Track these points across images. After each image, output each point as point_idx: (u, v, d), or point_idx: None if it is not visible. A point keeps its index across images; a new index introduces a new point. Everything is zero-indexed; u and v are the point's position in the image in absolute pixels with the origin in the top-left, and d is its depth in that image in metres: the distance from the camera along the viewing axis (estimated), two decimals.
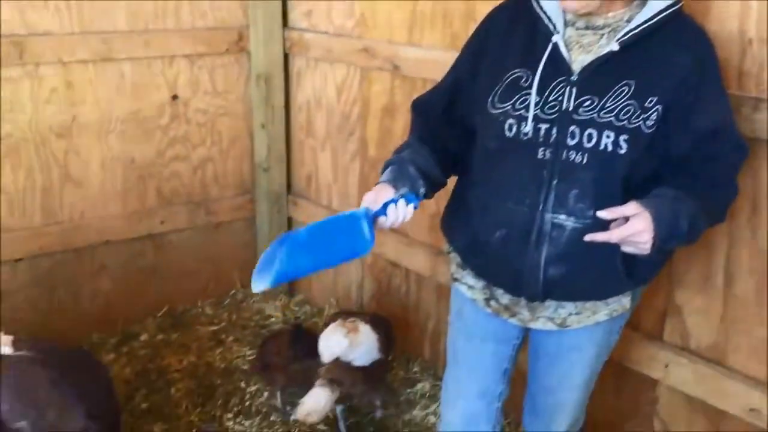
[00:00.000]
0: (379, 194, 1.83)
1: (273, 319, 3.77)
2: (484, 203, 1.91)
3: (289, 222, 3.90)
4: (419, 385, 3.24)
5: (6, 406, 2.19)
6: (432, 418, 3.05)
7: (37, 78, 3.11)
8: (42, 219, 3.24)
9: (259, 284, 1.83)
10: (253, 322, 3.73)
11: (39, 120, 3.15)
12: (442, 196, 2.17)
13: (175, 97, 3.50)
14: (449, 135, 1.99)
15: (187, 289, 3.78)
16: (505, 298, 2.00)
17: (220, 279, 3.88)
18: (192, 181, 3.66)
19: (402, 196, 1.82)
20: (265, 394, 3.15)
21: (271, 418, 3.02)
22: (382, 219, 1.81)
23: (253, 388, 3.19)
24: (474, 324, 2.10)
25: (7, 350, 2.29)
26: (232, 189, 3.80)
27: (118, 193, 3.44)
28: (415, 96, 2.15)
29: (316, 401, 2.68)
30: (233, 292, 3.92)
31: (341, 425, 2.94)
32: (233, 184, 3.80)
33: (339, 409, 2.93)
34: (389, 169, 1.90)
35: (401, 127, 3.17)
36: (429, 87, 2.14)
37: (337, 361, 2.76)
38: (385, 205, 1.80)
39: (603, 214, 1.68)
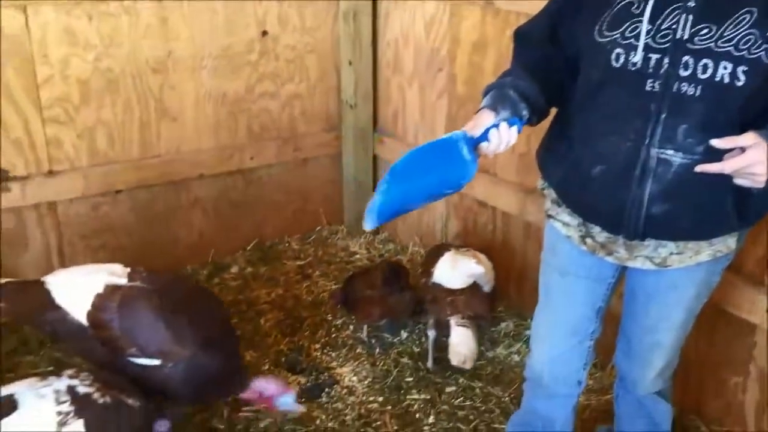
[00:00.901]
0: (479, 120, 1.79)
1: (357, 256, 3.83)
2: (585, 137, 1.86)
3: (375, 159, 3.91)
4: (503, 324, 3.25)
5: (120, 334, 2.33)
6: (516, 357, 3.06)
7: (134, 14, 3.17)
8: (140, 152, 3.36)
9: (368, 222, 1.83)
10: (338, 258, 3.81)
11: (136, 55, 3.23)
12: (535, 133, 2.13)
13: (264, 33, 3.52)
14: (551, 64, 1.92)
15: (275, 223, 3.87)
16: (601, 236, 1.95)
17: (306, 215, 3.96)
18: (280, 117, 3.70)
19: (504, 120, 1.77)
20: (351, 327, 3.23)
21: (357, 350, 3.10)
22: (484, 145, 1.77)
23: (339, 321, 3.28)
24: (568, 261, 2.06)
25: (123, 281, 2.41)
26: (319, 125, 3.83)
27: (211, 129, 3.52)
28: (507, 31, 2.08)
29: (468, 346, 2.72)
30: (318, 228, 3.99)
31: (430, 355, 2.98)
32: (320, 120, 3.82)
33: (431, 336, 2.97)
34: (489, 94, 1.86)
35: (492, 63, 3.10)
36: (522, 21, 2.07)
37: (472, 289, 2.80)
38: (487, 131, 1.76)
39: (717, 143, 1.61)
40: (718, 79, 1.65)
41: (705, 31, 1.66)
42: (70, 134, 3.17)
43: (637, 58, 1.71)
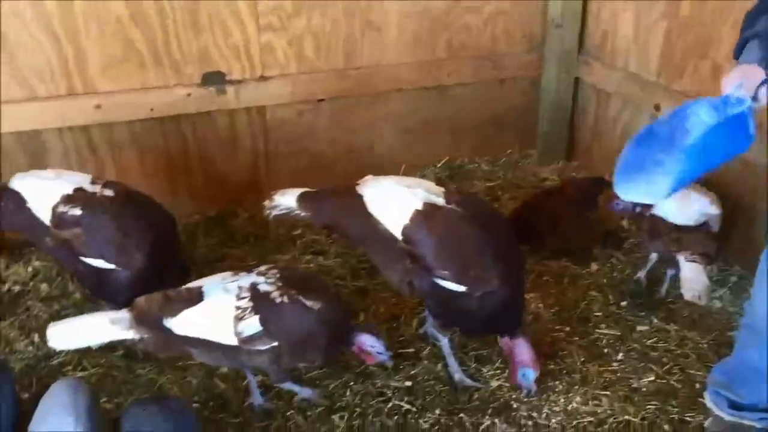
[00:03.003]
0: (748, 75, 1.62)
1: (548, 182, 3.73)
2: None
3: (576, 83, 3.73)
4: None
5: (433, 255, 2.35)
6: (717, 303, 2.88)
7: None
8: (344, 63, 3.42)
9: (627, 190, 1.77)
10: (528, 182, 3.73)
11: None
12: None
13: None
14: None
15: (466, 143, 3.84)
16: None
17: (498, 137, 3.88)
18: (481, 35, 3.60)
19: None
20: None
21: (544, 278, 3.05)
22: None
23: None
24: None
25: (441, 201, 2.41)
26: (521, 45, 3.69)
27: (411, 43, 3.50)
28: None
29: (701, 282, 2.63)
30: (510, 151, 3.91)
31: (665, 287, 2.89)
32: (522, 39, 3.68)
33: (669, 274, 2.89)
34: (753, 44, 1.66)
35: None
36: None
37: (702, 227, 2.72)
38: (757, 88, 1.61)
39: None
40: None
41: None
42: (281, 42, 3.29)
43: None
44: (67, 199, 2.55)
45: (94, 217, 2.54)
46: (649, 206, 2.81)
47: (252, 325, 2.22)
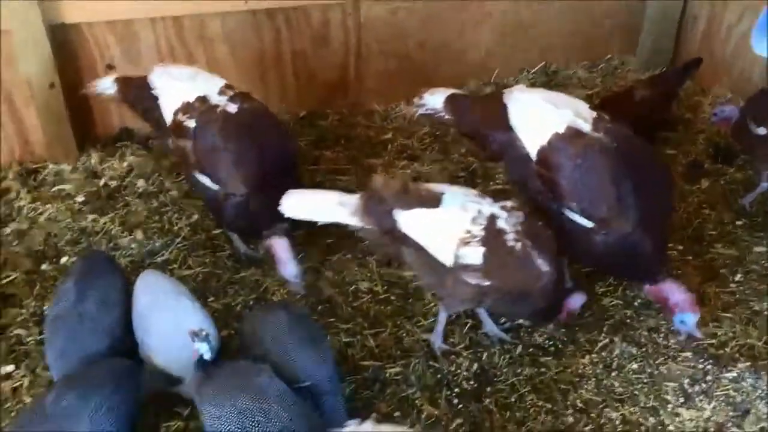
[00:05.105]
0: None
1: None
2: None
3: None
4: None
5: (566, 183, 2.21)
6: None
7: None
8: None
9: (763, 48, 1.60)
10: None
11: None
12: None
13: None
14: None
15: (563, 47, 3.63)
16: None
17: (596, 41, 3.67)
18: None
19: None
20: None
21: None
22: None
23: None
24: None
25: (587, 127, 2.24)
26: None
27: None
28: None
29: None
30: (608, 56, 3.71)
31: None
32: None
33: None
34: None
35: None
36: None
37: None
38: None
39: None
40: None
41: None
42: None
43: None
44: (187, 108, 2.44)
45: (203, 133, 2.41)
46: (761, 120, 2.64)
47: (474, 255, 2.09)
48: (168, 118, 2.47)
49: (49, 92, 2.87)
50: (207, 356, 1.95)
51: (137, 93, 2.58)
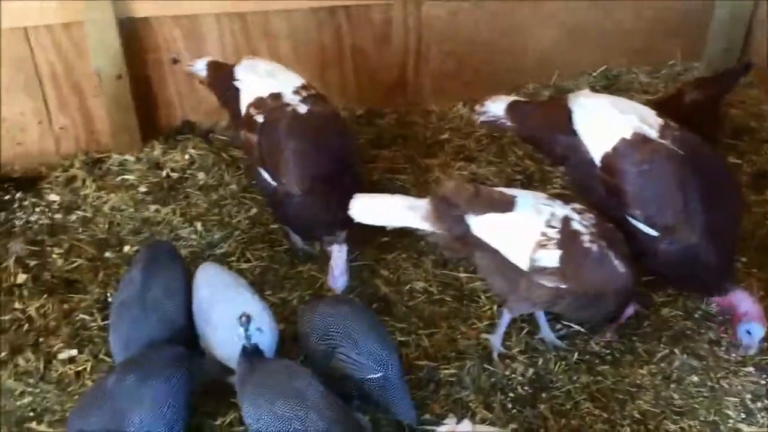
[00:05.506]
0: None
1: None
2: None
3: None
4: None
5: (631, 190, 2.19)
6: None
7: None
8: None
9: None
10: None
11: None
12: None
13: None
14: None
15: (625, 51, 3.56)
16: None
17: (659, 46, 3.58)
18: None
19: None
20: None
21: None
22: None
23: None
24: None
25: (653, 134, 2.22)
26: None
27: None
28: None
29: None
30: (672, 62, 3.62)
31: None
32: None
33: None
34: None
35: None
36: None
37: None
38: None
39: None
40: None
41: None
42: None
43: None
44: (259, 103, 2.48)
45: (269, 129, 2.44)
46: None
47: (551, 257, 2.10)
48: (243, 110, 2.51)
49: (116, 83, 2.94)
50: (247, 344, 1.97)
51: (222, 81, 2.64)
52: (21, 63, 2.92)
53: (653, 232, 2.19)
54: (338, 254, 2.42)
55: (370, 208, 2.28)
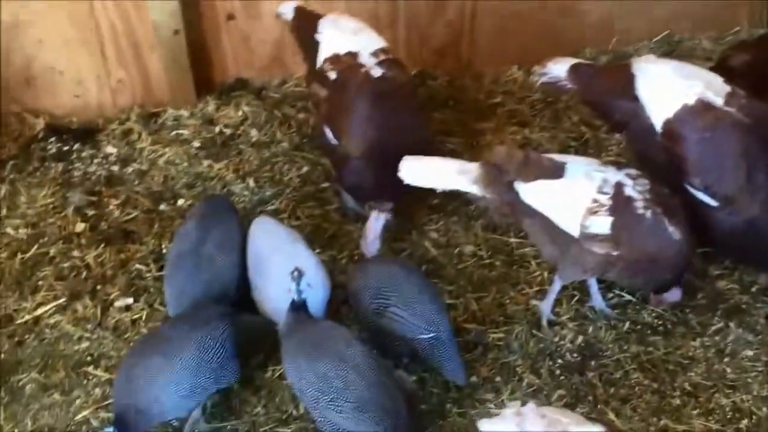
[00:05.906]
0: None
1: None
2: None
3: None
4: None
5: (692, 158, 2.14)
6: None
7: None
8: None
9: None
10: None
11: None
12: None
13: None
14: None
15: (689, 16, 3.45)
16: None
17: (724, 12, 3.47)
18: None
19: None
20: None
21: None
22: None
23: None
24: None
25: (718, 101, 2.16)
26: None
27: None
28: None
29: None
30: (737, 29, 3.49)
31: None
32: None
33: None
34: None
35: None
36: None
37: None
38: None
39: None
40: None
41: None
42: None
43: None
44: (334, 59, 2.48)
45: (339, 87, 2.44)
46: None
47: (602, 224, 2.07)
48: (318, 63, 2.52)
49: (173, 39, 2.96)
50: (297, 299, 1.99)
51: (305, 30, 2.65)
52: (80, 17, 2.95)
53: (713, 202, 2.14)
54: (374, 221, 2.42)
55: (420, 170, 2.27)
